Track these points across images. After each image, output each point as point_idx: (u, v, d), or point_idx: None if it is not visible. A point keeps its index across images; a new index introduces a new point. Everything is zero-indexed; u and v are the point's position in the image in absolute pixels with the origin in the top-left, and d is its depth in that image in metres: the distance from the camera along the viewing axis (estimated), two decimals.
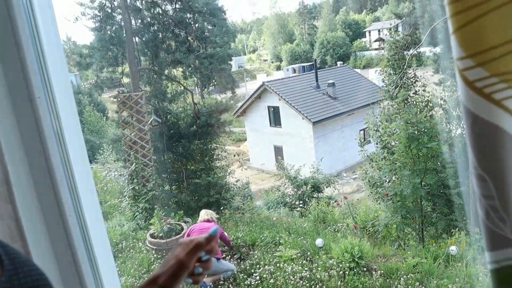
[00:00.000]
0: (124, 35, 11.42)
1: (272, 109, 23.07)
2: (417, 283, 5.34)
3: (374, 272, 5.70)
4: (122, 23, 11.59)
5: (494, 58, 0.55)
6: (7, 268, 0.55)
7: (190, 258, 0.77)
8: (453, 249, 6.08)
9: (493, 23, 0.53)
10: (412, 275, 5.51)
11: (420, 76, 13.05)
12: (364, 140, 12.30)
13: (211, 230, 0.83)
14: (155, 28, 12.47)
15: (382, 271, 5.69)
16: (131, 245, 7.31)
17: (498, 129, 0.58)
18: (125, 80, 13.15)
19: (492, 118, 0.58)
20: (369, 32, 59.22)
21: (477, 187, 0.64)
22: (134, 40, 11.80)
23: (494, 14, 0.53)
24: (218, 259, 5.57)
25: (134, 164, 9.24)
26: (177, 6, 12.73)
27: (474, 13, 0.54)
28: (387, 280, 5.55)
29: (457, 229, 6.99)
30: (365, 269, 5.71)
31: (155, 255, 6.53)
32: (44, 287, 0.61)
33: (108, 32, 11.83)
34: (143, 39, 12.23)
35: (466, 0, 0.54)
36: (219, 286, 5.61)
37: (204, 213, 5.93)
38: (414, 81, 12.91)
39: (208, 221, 5.75)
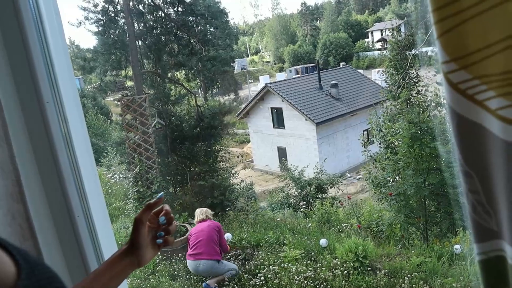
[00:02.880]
0: (127, 38, 11.51)
1: (275, 110, 23.11)
2: (421, 282, 5.35)
3: (378, 272, 5.72)
4: (125, 27, 11.67)
5: (475, 61, 0.59)
6: (23, 267, 0.58)
7: (142, 215, 0.98)
8: (457, 247, 6.10)
9: (473, 29, 0.57)
10: (416, 274, 5.52)
11: (423, 75, 13.06)
12: (368, 141, 12.33)
13: (158, 195, 1.03)
14: (158, 31, 12.55)
15: (386, 270, 5.71)
16: None
17: (481, 128, 0.62)
18: (129, 83, 13.25)
19: (475, 117, 0.62)
20: (372, 32, 59.14)
21: (464, 182, 0.68)
22: (137, 43, 11.87)
23: (474, 21, 0.57)
24: (218, 261, 5.55)
25: (138, 166, 9.30)
26: (179, 9, 12.80)
27: (456, 20, 0.58)
28: (392, 279, 5.57)
29: (461, 228, 6.99)
30: (369, 268, 5.73)
31: (160, 256, 6.58)
32: (58, 284, 0.65)
33: (111, 36, 11.91)
34: (146, 42, 12.31)
35: (448, 8, 0.58)
36: (224, 287, 5.65)
37: (199, 213, 5.78)
38: (416, 81, 12.92)
39: (203, 220, 5.66)
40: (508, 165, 0.60)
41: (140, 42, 12.21)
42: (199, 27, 13.87)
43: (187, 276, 6.00)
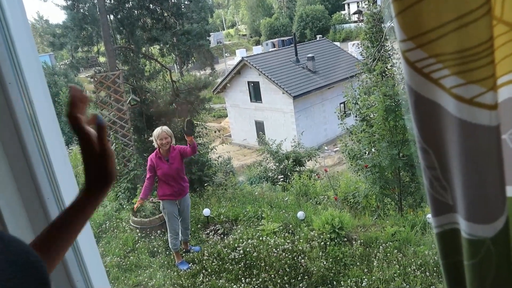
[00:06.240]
0: (98, 13, 11.15)
1: (252, 84, 23.01)
2: (395, 251, 5.53)
3: (354, 242, 5.88)
4: (95, 1, 11.30)
5: (431, 40, 0.60)
6: None
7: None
8: (429, 217, 6.27)
9: (428, 8, 0.58)
10: (390, 243, 5.70)
11: (398, 48, 13.12)
12: (344, 113, 12.42)
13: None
14: (130, 5, 12.20)
15: (362, 241, 5.87)
16: (115, 225, 7.34)
17: (437, 105, 0.64)
18: (101, 59, 12.91)
19: (431, 95, 0.64)
20: (348, 4, 58.82)
21: (421, 159, 0.70)
22: (108, 18, 11.53)
23: (429, 0, 0.57)
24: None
25: (114, 144, 9.18)
26: None
27: None
28: (367, 249, 5.74)
29: None
30: (345, 239, 5.88)
31: (139, 234, 6.59)
32: (33, 257, 0.65)
33: (81, 11, 11.53)
34: (118, 17, 11.96)
35: None
36: (203, 261, 5.71)
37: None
38: (391, 53, 12.98)
39: None
40: (462, 142, 0.62)
41: (111, 16, 11.86)
42: (173, 0, 13.53)
43: (167, 253, 6.04)
